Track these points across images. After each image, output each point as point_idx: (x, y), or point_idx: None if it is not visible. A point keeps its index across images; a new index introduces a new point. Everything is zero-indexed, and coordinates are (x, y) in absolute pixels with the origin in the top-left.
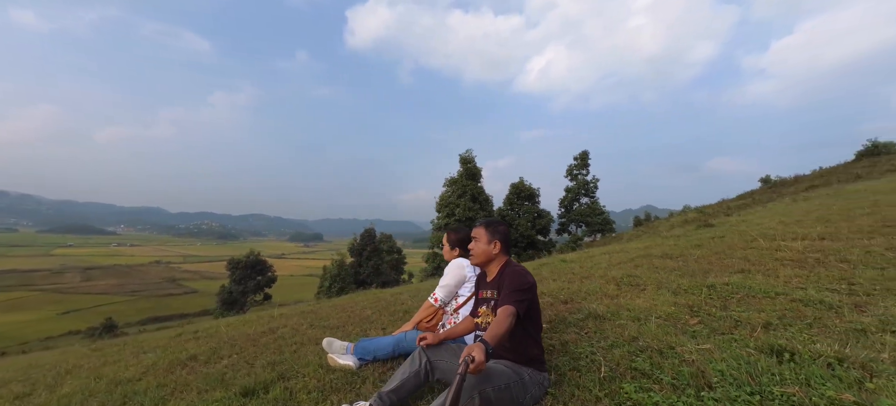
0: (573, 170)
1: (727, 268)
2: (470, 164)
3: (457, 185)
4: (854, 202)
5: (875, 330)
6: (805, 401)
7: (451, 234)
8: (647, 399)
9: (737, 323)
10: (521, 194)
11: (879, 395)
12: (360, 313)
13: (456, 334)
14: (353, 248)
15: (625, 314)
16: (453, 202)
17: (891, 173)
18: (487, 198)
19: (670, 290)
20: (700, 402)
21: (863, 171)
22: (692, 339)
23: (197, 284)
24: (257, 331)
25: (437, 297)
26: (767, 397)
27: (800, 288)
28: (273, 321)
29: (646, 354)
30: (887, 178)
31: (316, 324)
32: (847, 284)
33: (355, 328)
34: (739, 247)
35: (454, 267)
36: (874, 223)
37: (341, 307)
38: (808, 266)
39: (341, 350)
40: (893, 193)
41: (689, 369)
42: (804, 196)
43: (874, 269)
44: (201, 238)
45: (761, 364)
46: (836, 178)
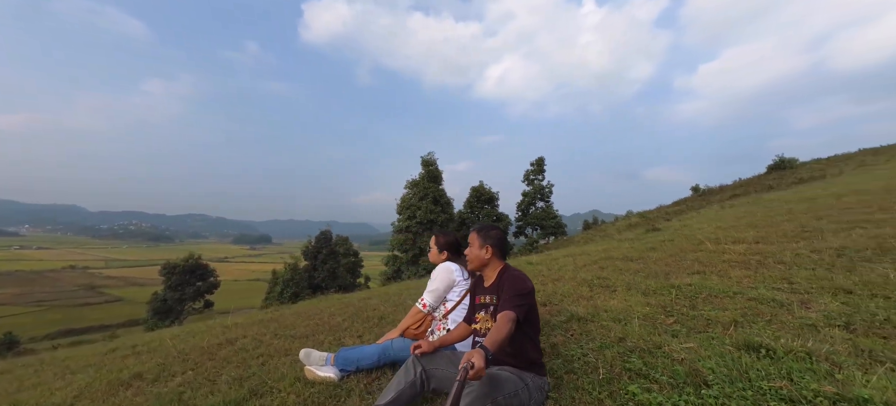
0: (530, 175)
1: (684, 269)
2: (432, 166)
3: (419, 187)
4: (773, 210)
5: (823, 324)
6: (793, 394)
7: (440, 237)
8: (651, 399)
9: (708, 321)
10: (481, 198)
11: (851, 385)
12: (329, 321)
13: (450, 341)
14: (307, 251)
15: (604, 315)
16: (415, 204)
17: (796, 185)
18: (449, 201)
19: (640, 291)
20: (701, 400)
21: (773, 182)
22: (674, 339)
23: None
24: (211, 343)
25: (426, 302)
26: (758, 392)
27: (751, 288)
28: (228, 331)
29: (636, 354)
30: (793, 189)
31: (281, 333)
32: (788, 284)
33: (328, 337)
34: (689, 250)
35: (442, 271)
36: (794, 228)
37: (305, 314)
38: (752, 267)
39: (320, 361)
40: (802, 202)
41: (683, 368)
42: (730, 204)
43: (806, 270)
44: (129, 240)
45: (744, 360)
46: (754, 189)
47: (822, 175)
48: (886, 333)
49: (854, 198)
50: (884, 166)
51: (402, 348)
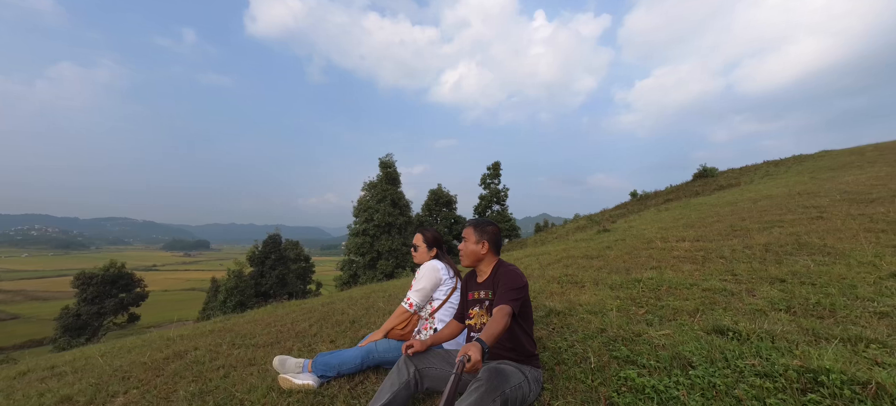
0: (486, 179)
1: (641, 265)
2: (390, 168)
3: (376, 189)
4: (703, 212)
5: (769, 309)
6: (766, 369)
7: (428, 234)
8: (645, 382)
9: (675, 310)
10: (439, 200)
11: (809, 359)
12: (293, 327)
13: (441, 339)
14: (253, 257)
15: (580, 309)
16: (372, 207)
17: (717, 191)
18: (407, 203)
19: (607, 285)
20: (689, 379)
21: (699, 188)
22: (650, 327)
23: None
24: (156, 358)
25: (412, 301)
26: (736, 370)
27: (703, 280)
28: (174, 344)
29: (619, 343)
30: (716, 195)
31: (239, 343)
32: (732, 275)
33: (296, 344)
34: (642, 248)
35: (428, 270)
36: (725, 228)
37: (262, 322)
38: (699, 262)
39: (297, 368)
40: (726, 206)
41: (666, 353)
42: (665, 207)
43: (744, 263)
44: (29, 247)
45: (717, 343)
46: (683, 194)
47: (737, 183)
48: (820, 314)
49: (767, 202)
50: (784, 176)
51: (387, 350)
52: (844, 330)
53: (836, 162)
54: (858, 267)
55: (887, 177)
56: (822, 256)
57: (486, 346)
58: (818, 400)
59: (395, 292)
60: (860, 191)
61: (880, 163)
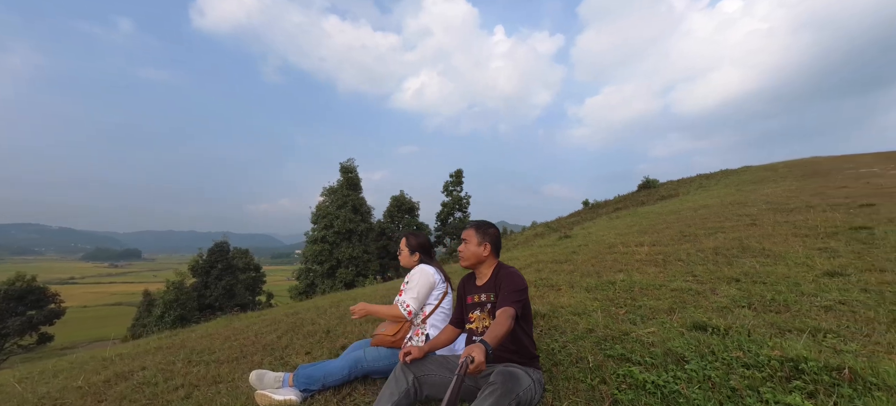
0: (449, 186)
1: (609, 268)
2: (351, 173)
3: (337, 194)
4: (653, 220)
5: (733, 306)
6: (751, 361)
7: (411, 239)
8: (647, 377)
9: (652, 310)
10: (402, 207)
11: (787, 350)
12: (260, 340)
13: (439, 345)
14: (196, 266)
15: (563, 312)
16: (332, 213)
17: (660, 200)
18: (369, 209)
19: (582, 288)
20: (686, 374)
21: (644, 198)
22: (635, 326)
23: None
24: (93, 381)
25: (411, 308)
26: (725, 362)
27: (669, 281)
28: (114, 364)
29: (609, 342)
30: (660, 204)
31: (196, 359)
32: (692, 276)
33: (266, 357)
34: (605, 253)
35: (421, 274)
36: (675, 234)
37: (220, 336)
38: (661, 265)
39: (276, 383)
40: (671, 214)
41: (658, 350)
42: (615, 215)
43: (700, 265)
44: None
45: (701, 338)
46: (630, 203)
47: (677, 193)
48: (777, 310)
49: (705, 211)
50: (715, 188)
51: (377, 359)
52: (802, 322)
53: (756, 176)
54: (796, 267)
55: (798, 190)
56: (764, 258)
57: (490, 348)
58: (803, 386)
59: (368, 300)
60: (779, 201)
61: (790, 177)
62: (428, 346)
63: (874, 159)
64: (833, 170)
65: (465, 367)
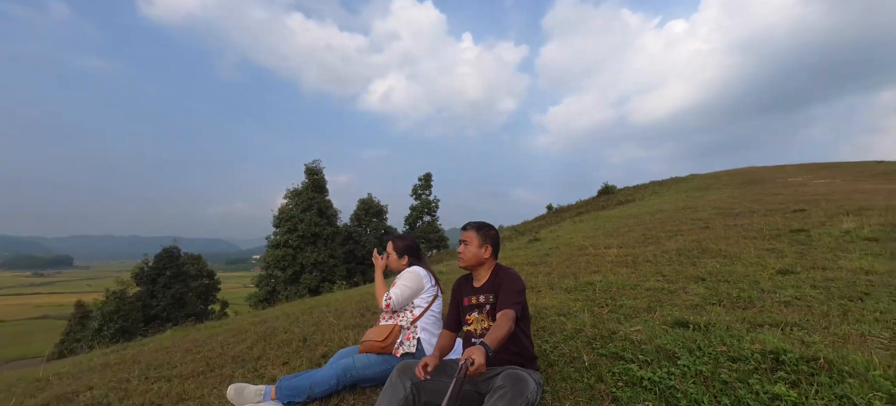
0: (418, 190)
1: (583, 270)
2: (317, 175)
3: (302, 197)
4: (616, 223)
5: (704, 304)
6: (736, 354)
7: (398, 242)
8: (643, 374)
9: (633, 309)
10: (369, 210)
11: (766, 343)
12: (227, 351)
13: (446, 351)
14: (141, 274)
15: (548, 313)
16: (297, 216)
17: (619, 205)
18: (336, 212)
19: (562, 289)
20: (679, 369)
21: (604, 203)
22: (621, 325)
23: None
24: (34, 403)
25: (391, 301)
26: (712, 356)
27: (642, 281)
28: (51, 386)
29: (599, 341)
30: (619, 209)
31: (154, 375)
32: (662, 276)
33: (238, 369)
34: (577, 255)
35: (412, 274)
36: (639, 236)
37: (179, 348)
38: (631, 266)
39: (257, 397)
40: (631, 218)
41: (649, 347)
42: (579, 219)
43: (668, 265)
44: None
45: (687, 335)
46: (592, 208)
47: (633, 199)
48: (744, 306)
49: (662, 215)
50: (667, 194)
51: (367, 366)
52: (768, 317)
53: (702, 183)
54: (751, 266)
55: (740, 196)
56: (723, 258)
57: (490, 351)
58: (785, 376)
59: (342, 307)
60: (725, 207)
61: (731, 185)
62: (439, 353)
63: (798, 170)
64: (766, 179)
65: (465, 370)
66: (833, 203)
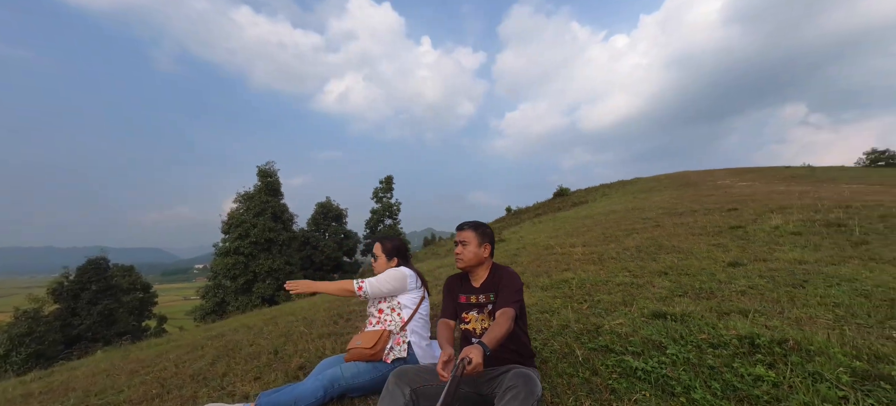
0: (379, 192)
1: (554, 268)
2: (271, 177)
3: (254, 200)
4: (575, 224)
5: (672, 296)
6: (716, 341)
7: (387, 242)
8: (636, 365)
9: (610, 303)
10: (328, 214)
11: (740, 329)
12: (184, 370)
13: (452, 341)
14: (60, 290)
15: (531, 311)
16: (248, 221)
17: (574, 206)
18: (291, 217)
19: (538, 287)
20: (668, 358)
21: (559, 205)
22: (604, 319)
23: None
24: None
25: (364, 287)
26: (696, 344)
27: (612, 276)
28: None
29: (587, 336)
30: (574, 210)
31: (97, 404)
32: (628, 272)
33: (201, 389)
34: (545, 254)
35: (395, 271)
36: (599, 235)
37: (122, 370)
38: (598, 263)
39: None
40: (588, 219)
41: (636, 338)
42: (538, 220)
43: (631, 262)
44: None
45: (668, 325)
46: (549, 209)
47: (586, 200)
48: (707, 296)
49: (615, 215)
50: (616, 196)
51: (356, 375)
52: (731, 305)
53: (646, 186)
54: (704, 260)
55: (679, 197)
56: (678, 254)
57: (488, 350)
58: (762, 358)
59: (311, 315)
60: (670, 207)
61: (671, 187)
62: (450, 348)
63: (724, 174)
64: (699, 182)
65: (462, 369)
66: (758, 203)
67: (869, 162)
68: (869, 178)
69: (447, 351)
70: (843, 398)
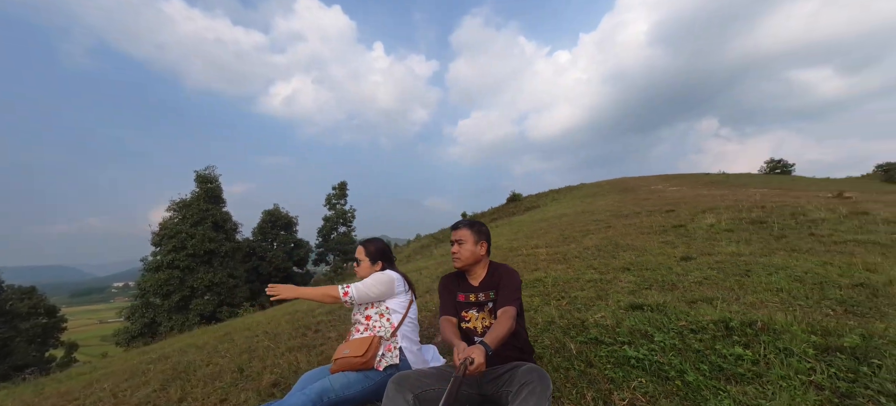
0: (332, 199)
1: (524, 268)
2: (212, 183)
3: (191, 209)
4: (533, 227)
5: (640, 289)
6: (695, 326)
7: (370, 246)
8: (630, 353)
9: (587, 299)
10: (277, 222)
11: (714, 314)
12: (128, 400)
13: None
14: None
15: None
16: (185, 231)
17: (528, 210)
18: (235, 226)
19: None
20: (657, 345)
21: (513, 209)
22: (585, 314)
23: None
24: None
25: (350, 292)
26: (678, 330)
27: (580, 274)
28: None
29: (574, 330)
30: (529, 214)
31: None
32: (594, 270)
33: None
34: (510, 256)
35: (382, 275)
36: (557, 237)
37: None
38: (564, 262)
39: None
40: (544, 222)
41: (623, 329)
42: (494, 225)
43: (595, 260)
44: None
45: (647, 316)
46: (504, 214)
47: (537, 205)
48: (671, 288)
49: (568, 218)
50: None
51: (346, 386)
52: (695, 294)
53: (591, 191)
54: (659, 256)
55: (622, 201)
56: (634, 251)
57: (490, 350)
58: (739, 339)
59: (273, 328)
60: (615, 210)
61: (613, 192)
62: (461, 342)
63: (657, 179)
64: (636, 187)
65: (464, 369)
66: (690, 204)
67: (769, 169)
68: (771, 184)
69: (459, 344)
70: (811, 369)
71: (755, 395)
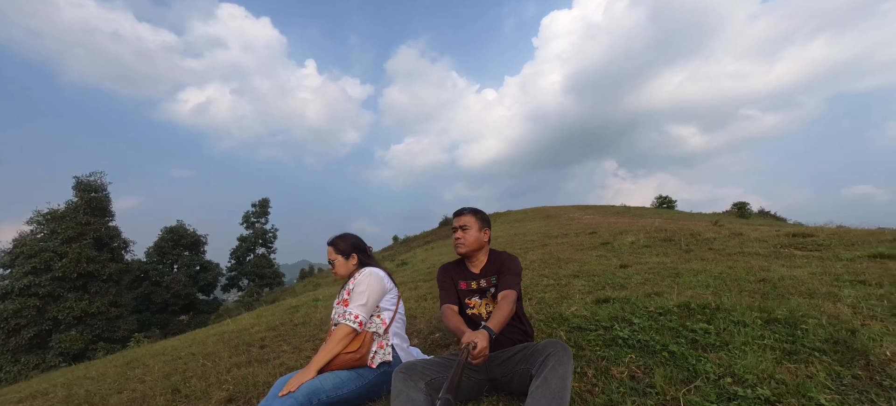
0: (251, 217)
1: None
2: (96, 192)
3: (66, 222)
4: None
5: (596, 289)
6: (662, 309)
7: (341, 242)
8: (619, 334)
9: (554, 299)
10: (180, 241)
11: (675, 300)
12: None
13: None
14: None
15: None
16: (53, 249)
17: None
18: (125, 243)
19: None
20: (638, 330)
21: (447, 233)
22: (558, 308)
23: None
24: None
25: (361, 317)
26: (649, 314)
27: (538, 280)
28: None
29: (557, 321)
30: None
31: None
32: (547, 277)
33: None
34: None
35: (371, 277)
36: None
37: None
38: (533, 268)
39: None
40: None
41: (602, 316)
42: (430, 246)
43: (546, 268)
44: None
45: (621, 305)
46: (437, 237)
47: None
48: (621, 288)
49: (503, 240)
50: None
51: (339, 386)
52: (646, 290)
53: (518, 217)
54: (598, 265)
55: (548, 225)
56: (576, 262)
57: (494, 334)
58: (701, 317)
59: (205, 350)
60: (545, 233)
61: (537, 219)
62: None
63: (573, 209)
64: (557, 215)
65: (467, 353)
66: (607, 228)
67: (658, 203)
68: (662, 215)
69: (466, 330)
70: (761, 335)
71: (728, 358)
